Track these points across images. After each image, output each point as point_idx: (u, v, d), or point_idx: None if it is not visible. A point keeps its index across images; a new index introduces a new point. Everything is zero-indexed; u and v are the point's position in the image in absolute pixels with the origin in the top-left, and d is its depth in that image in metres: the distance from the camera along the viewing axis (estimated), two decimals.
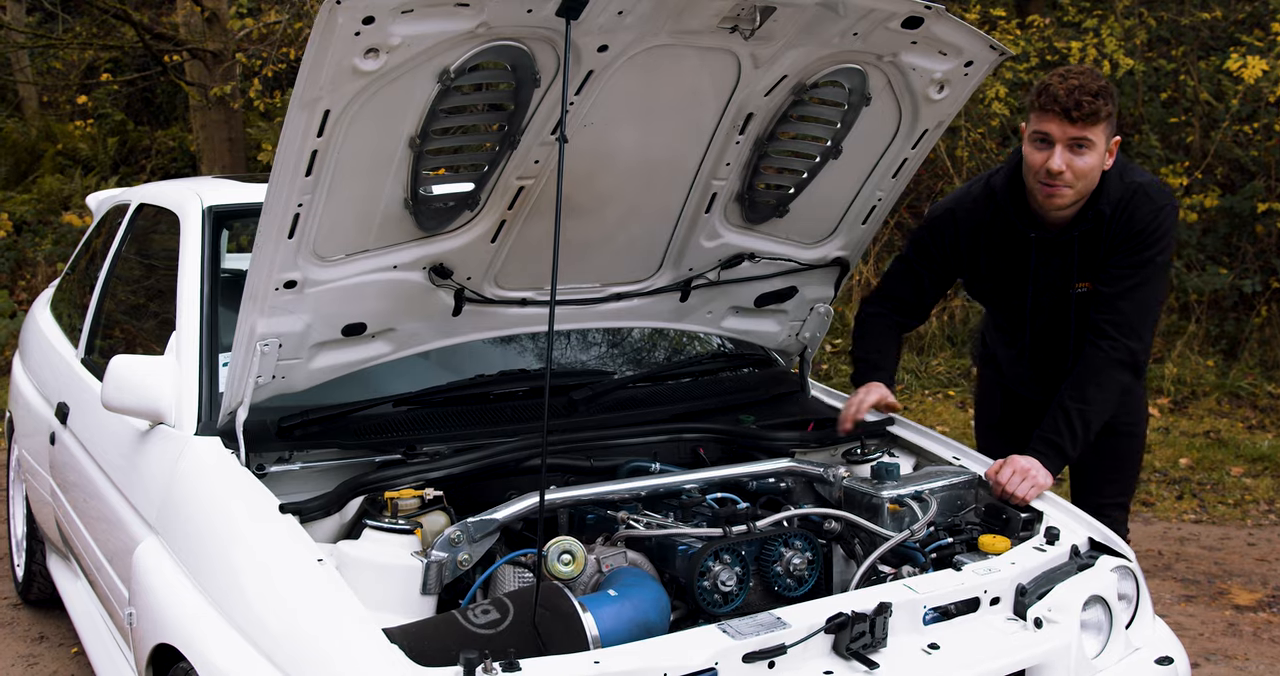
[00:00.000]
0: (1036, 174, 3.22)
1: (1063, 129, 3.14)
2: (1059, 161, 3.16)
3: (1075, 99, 3.10)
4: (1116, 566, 2.85)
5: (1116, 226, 3.29)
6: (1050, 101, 3.14)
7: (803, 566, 2.74)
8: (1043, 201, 3.26)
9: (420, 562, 2.56)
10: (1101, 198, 3.27)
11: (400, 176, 2.68)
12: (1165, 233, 3.29)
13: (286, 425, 2.94)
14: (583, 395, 3.25)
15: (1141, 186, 3.28)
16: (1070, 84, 3.12)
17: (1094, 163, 3.19)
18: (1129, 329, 3.27)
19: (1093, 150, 3.17)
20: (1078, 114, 3.10)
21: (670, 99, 2.84)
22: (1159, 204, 3.27)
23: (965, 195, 3.51)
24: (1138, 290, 3.29)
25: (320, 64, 2.33)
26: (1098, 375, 3.28)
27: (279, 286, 2.73)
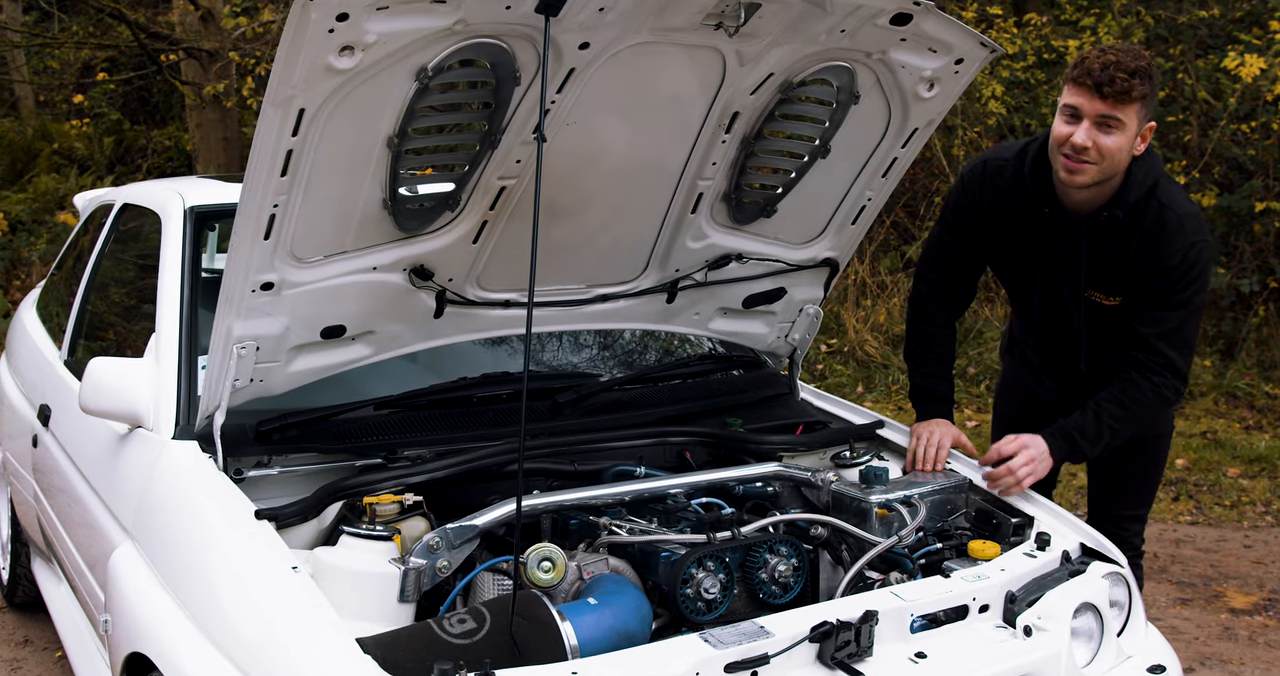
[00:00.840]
0: (1061, 147, 3.08)
1: (1092, 104, 3.00)
2: (1084, 136, 3.02)
3: (1109, 75, 2.96)
4: (1108, 572, 2.81)
5: (1140, 254, 3.18)
6: (1083, 74, 3.00)
7: (788, 573, 2.69)
8: (1064, 177, 3.11)
9: (398, 570, 2.51)
10: (1120, 199, 3.16)
11: (378, 176, 2.63)
12: (1201, 271, 3.18)
13: (265, 429, 2.89)
14: (567, 398, 3.20)
15: (1177, 217, 3.15)
16: (1107, 59, 2.98)
17: (1122, 143, 3.04)
18: (1176, 370, 3.19)
19: (1122, 131, 3.02)
20: (1109, 90, 2.96)
21: (654, 97, 2.80)
22: (1191, 239, 3.15)
23: (1001, 152, 3.39)
24: (1182, 331, 3.20)
25: (294, 62, 2.28)
26: (1144, 408, 3.21)
27: (256, 288, 2.68)
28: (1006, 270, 3.52)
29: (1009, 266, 3.49)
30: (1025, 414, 3.77)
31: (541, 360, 3.64)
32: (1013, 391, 3.85)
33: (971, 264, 3.51)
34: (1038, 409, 3.72)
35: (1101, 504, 3.70)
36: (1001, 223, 3.37)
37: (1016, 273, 3.47)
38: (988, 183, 3.35)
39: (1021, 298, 3.54)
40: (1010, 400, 3.87)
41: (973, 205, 3.39)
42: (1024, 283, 3.46)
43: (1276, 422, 7.79)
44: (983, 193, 3.36)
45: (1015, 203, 3.32)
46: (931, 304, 3.54)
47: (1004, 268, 3.52)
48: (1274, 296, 8.85)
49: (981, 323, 8.89)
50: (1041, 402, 3.72)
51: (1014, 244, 3.37)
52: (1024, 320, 3.61)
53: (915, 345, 3.58)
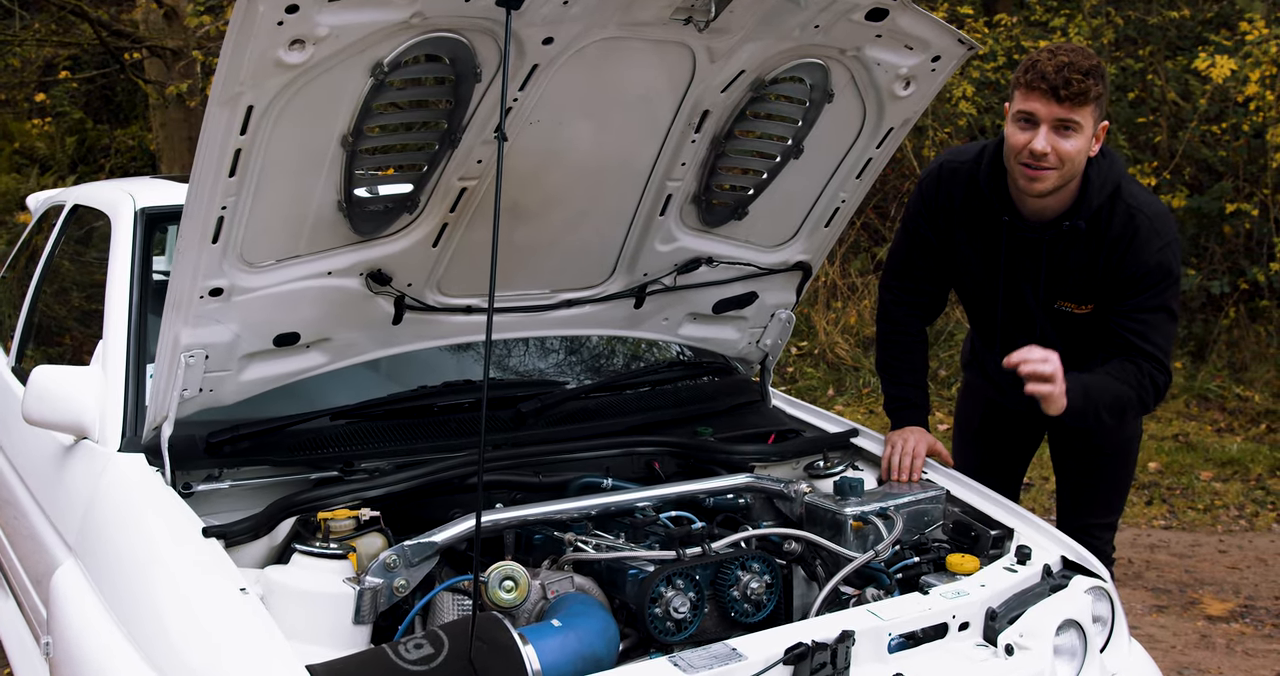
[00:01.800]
0: (1018, 155, 2.99)
1: (1049, 109, 2.92)
2: (1043, 142, 2.93)
3: (1064, 77, 2.87)
4: (1091, 587, 2.72)
5: (1113, 261, 3.09)
6: (1037, 78, 2.91)
7: (761, 590, 2.59)
8: (1024, 185, 3.03)
9: (352, 590, 2.39)
10: (1081, 208, 3.07)
11: (332, 177, 2.51)
12: (1174, 269, 3.09)
13: (215, 441, 2.76)
14: (531, 407, 3.09)
15: (1147, 219, 3.07)
16: (1060, 60, 2.89)
17: (1080, 146, 2.97)
18: (1162, 364, 3.10)
19: (1080, 133, 2.95)
20: (1066, 93, 2.88)
21: (621, 95, 2.69)
22: (1165, 240, 3.07)
23: (958, 155, 3.30)
24: (1161, 329, 3.10)
25: (241, 56, 2.16)
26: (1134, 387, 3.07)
27: (204, 294, 2.56)
28: (966, 281, 3.40)
29: (969, 277, 3.36)
30: (988, 424, 3.71)
31: (505, 367, 3.53)
32: (974, 402, 3.78)
33: (935, 271, 3.40)
34: (1002, 418, 3.66)
35: (1071, 512, 3.63)
36: (959, 230, 3.27)
37: (977, 284, 3.35)
38: (943, 187, 3.26)
39: (982, 311, 3.43)
40: (972, 411, 3.80)
41: (930, 211, 3.29)
42: (985, 295, 3.35)
43: (1248, 425, 7.76)
44: (938, 198, 3.26)
45: (972, 209, 3.22)
46: (898, 312, 3.45)
47: (964, 278, 3.39)
48: (1244, 298, 8.83)
49: (953, 324, 8.84)
50: (1005, 411, 3.64)
51: (973, 252, 3.27)
52: (984, 335, 3.50)
53: (886, 355, 3.49)
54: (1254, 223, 8.73)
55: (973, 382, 3.81)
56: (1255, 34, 8.34)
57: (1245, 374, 8.40)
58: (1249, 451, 7.16)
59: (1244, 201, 8.73)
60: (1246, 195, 8.86)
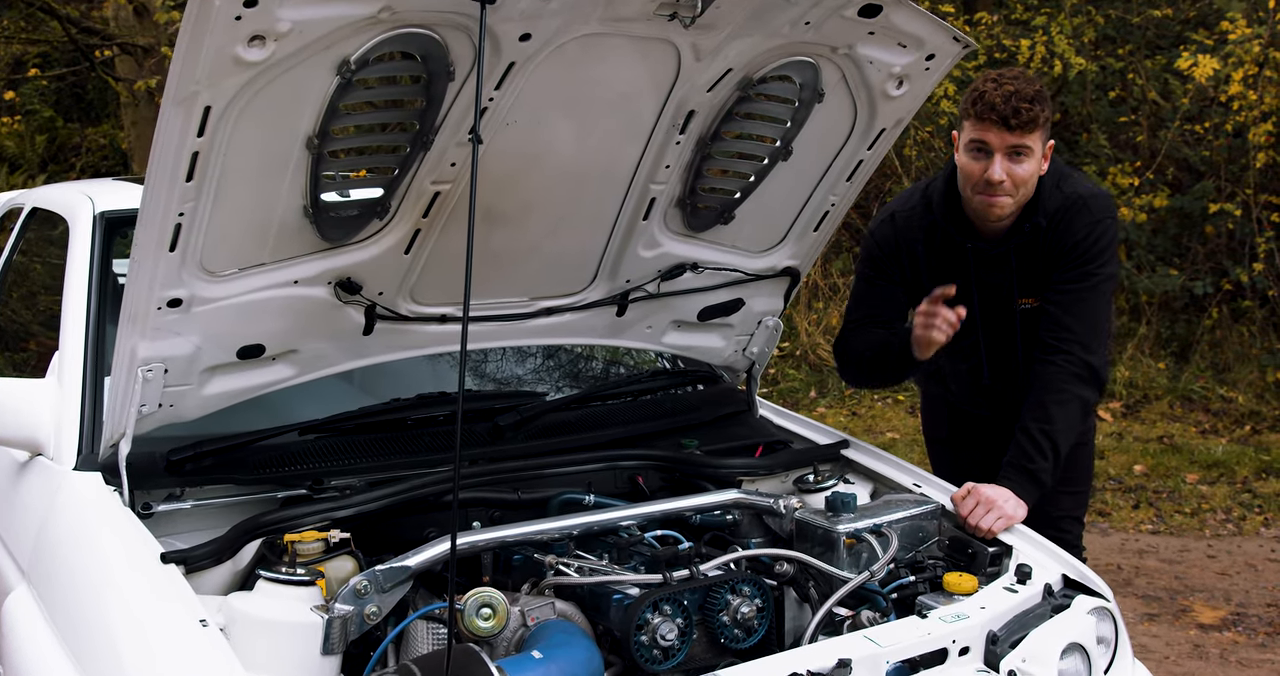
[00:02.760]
0: (975, 185, 3.08)
1: (1001, 137, 3.01)
2: (999, 171, 3.02)
3: (1013, 106, 2.96)
4: (1094, 608, 2.61)
5: (1053, 238, 3.15)
6: (986, 109, 2.99)
7: (752, 615, 2.46)
8: (983, 212, 3.12)
9: (321, 618, 2.26)
10: (1038, 209, 3.14)
11: (298, 181, 2.37)
12: (1106, 246, 3.15)
13: (176, 459, 2.63)
14: (509, 420, 2.96)
15: (1081, 198, 3.16)
16: (1006, 90, 2.97)
17: (1033, 169, 3.07)
18: (1081, 344, 3.11)
19: (1031, 157, 3.04)
20: (1016, 122, 2.98)
21: (603, 95, 2.56)
22: (1096, 216, 3.15)
23: (904, 204, 3.36)
24: (1083, 304, 3.13)
25: (196, 53, 2.02)
26: (1057, 391, 3.09)
27: (162, 305, 2.42)
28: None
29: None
30: (957, 431, 3.65)
31: (483, 378, 3.40)
32: (938, 411, 3.74)
33: (897, 309, 3.38)
34: (969, 423, 3.62)
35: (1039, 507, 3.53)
36: (924, 271, 3.30)
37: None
38: (901, 234, 3.30)
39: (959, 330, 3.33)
40: (937, 422, 3.75)
41: (890, 259, 3.32)
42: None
43: (1232, 426, 7.70)
44: (898, 243, 3.30)
45: (934, 244, 3.27)
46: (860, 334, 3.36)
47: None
48: (1227, 298, 8.77)
49: None
50: (972, 418, 3.61)
51: (942, 281, 3.22)
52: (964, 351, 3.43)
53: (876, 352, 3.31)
54: (1236, 222, 8.67)
55: (931, 391, 3.78)
56: (1238, 33, 8.28)
57: (1229, 375, 8.33)
58: (1235, 453, 7.09)
59: (1226, 201, 8.67)
60: (1229, 195, 8.80)
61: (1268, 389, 8.04)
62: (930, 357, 3.68)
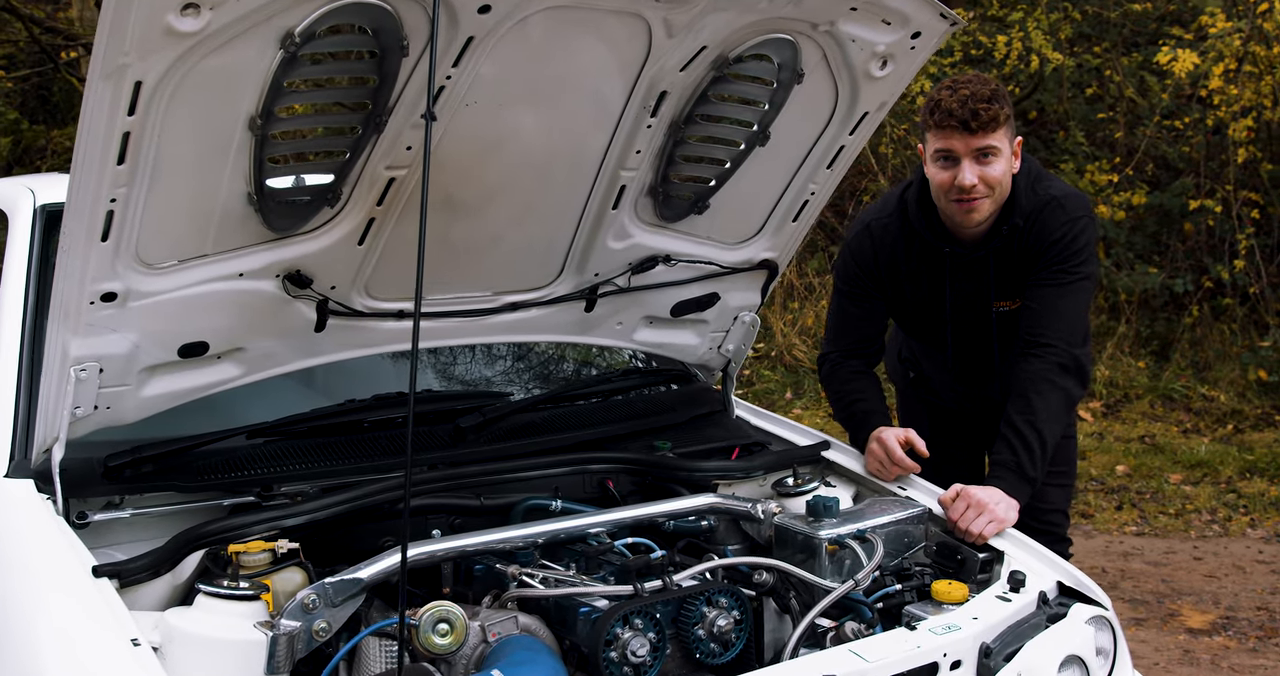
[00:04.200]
0: (948, 193, 3.04)
1: (965, 142, 2.97)
2: (969, 176, 2.98)
3: (971, 109, 2.93)
4: (1092, 617, 2.47)
5: (1030, 239, 3.10)
6: (945, 117, 2.96)
7: (729, 628, 2.31)
8: (961, 219, 3.07)
9: (264, 635, 2.09)
10: (1015, 211, 3.10)
11: (240, 165, 2.21)
12: (1084, 245, 3.10)
13: (113, 464, 2.46)
14: (471, 421, 2.79)
15: (1055, 199, 3.12)
16: (961, 94, 2.95)
17: (1004, 168, 3.03)
18: (1064, 339, 3.05)
19: (999, 156, 3.00)
20: (976, 124, 2.93)
21: (569, 73, 2.40)
22: (1071, 215, 3.10)
23: (880, 212, 3.30)
24: (1063, 302, 3.08)
25: (124, 22, 1.85)
26: (1039, 384, 3.02)
27: (95, 299, 2.25)
28: (912, 314, 3.38)
29: (915, 311, 3.35)
30: (937, 427, 3.55)
31: (447, 378, 3.22)
32: (915, 408, 3.71)
33: (879, 323, 3.38)
34: (947, 419, 3.60)
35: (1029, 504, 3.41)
36: (904, 278, 3.26)
37: (924, 312, 3.33)
38: (878, 243, 3.25)
39: (930, 331, 3.40)
40: (916, 417, 3.66)
41: (866, 270, 3.27)
42: (932, 317, 3.32)
43: (1214, 425, 7.60)
44: (876, 254, 3.25)
45: (912, 252, 3.22)
46: (846, 371, 3.31)
47: (909, 313, 3.39)
48: (1207, 296, 8.69)
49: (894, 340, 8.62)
50: (948, 413, 3.61)
51: (919, 289, 3.27)
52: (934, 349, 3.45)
53: (844, 404, 3.28)
54: (1217, 219, 8.59)
55: (905, 390, 3.76)
56: (1218, 27, 8.20)
57: (1210, 373, 8.24)
58: (1218, 453, 6.99)
59: (1206, 198, 8.58)
60: (1208, 192, 8.71)
61: (1249, 387, 7.96)
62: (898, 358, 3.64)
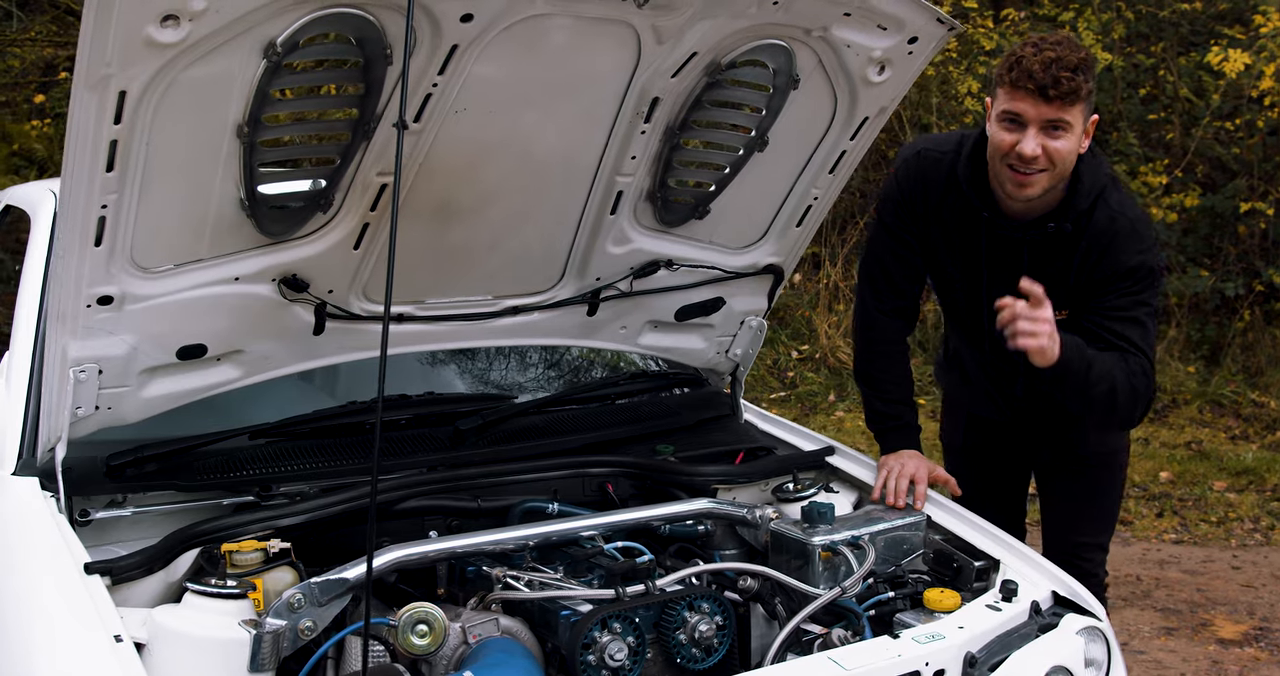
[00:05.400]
0: (1005, 157, 2.76)
1: (1038, 109, 2.68)
2: (1032, 145, 2.70)
3: (1053, 75, 2.63)
4: (1083, 627, 2.44)
5: (1091, 260, 2.86)
6: (1023, 77, 2.66)
7: (711, 633, 2.31)
8: (1011, 190, 2.81)
9: (248, 633, 2.13)
10: (1068, 207, 2.84)
11: (230, 172, 2.25)
12: (1158, 274, 2.89)
13: (115, 463, 2.51)
14: (470, 424, 2.82)
15: (1130, 224, 2.86)
16: (1046, 56, 2.64)
17: (1071, 146, 2.75)
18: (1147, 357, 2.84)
19: (1070, 132, 2.72)
20: (1055, 93, 2.64)
21: (559, 80, 2.42)
22: (1147, 244, 2.86)
23: (938, 143, 3.06)
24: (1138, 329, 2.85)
25: (105, 34, 1.90)
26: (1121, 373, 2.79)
27: (91, 303, 2.30)
28: (945, 280, 3.15)
29: (948, 276, 3.12)
30: (972, 440, 3.46)
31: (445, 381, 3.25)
32: (955, 417, 3.53)
33: (914, 270, 3.13)
34: (985, 432, 3.43)
35: (1058, 532, 3.34)
36: (936, 224, 3.02)
37: (957, 284, 3.11)
38: (921, 176, 3.00)
39: (964, 308, 3.17)
40: (954, 427, 3.53)
41: (907, 201, 3.03)
42: (967, 293, 3.10)
43: (1263, 432, 7.45)
44: (916, 186, 3.00)
45: (950, 202, 2.97)
46: (880, 316, 3.15)
47: (943, 277, 3.14)
48: (1259, 300, 8.52)
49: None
50: (988, 424, 3.41)
51: (952, 248, 3.02)
52: (966, 334, 3.25)
53: (869, 367, 3.20)
54: (1269, 222, 8.42)
55: (950, 395, 3.59)
56: (1270, 27, 8.03)
57: (1260, 379, 8.08)
58: (1265, 460, 6.85)
59: (1258, 200, 8.42)
60: (1261, 194, 8.54)
61: None
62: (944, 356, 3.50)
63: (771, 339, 9.10)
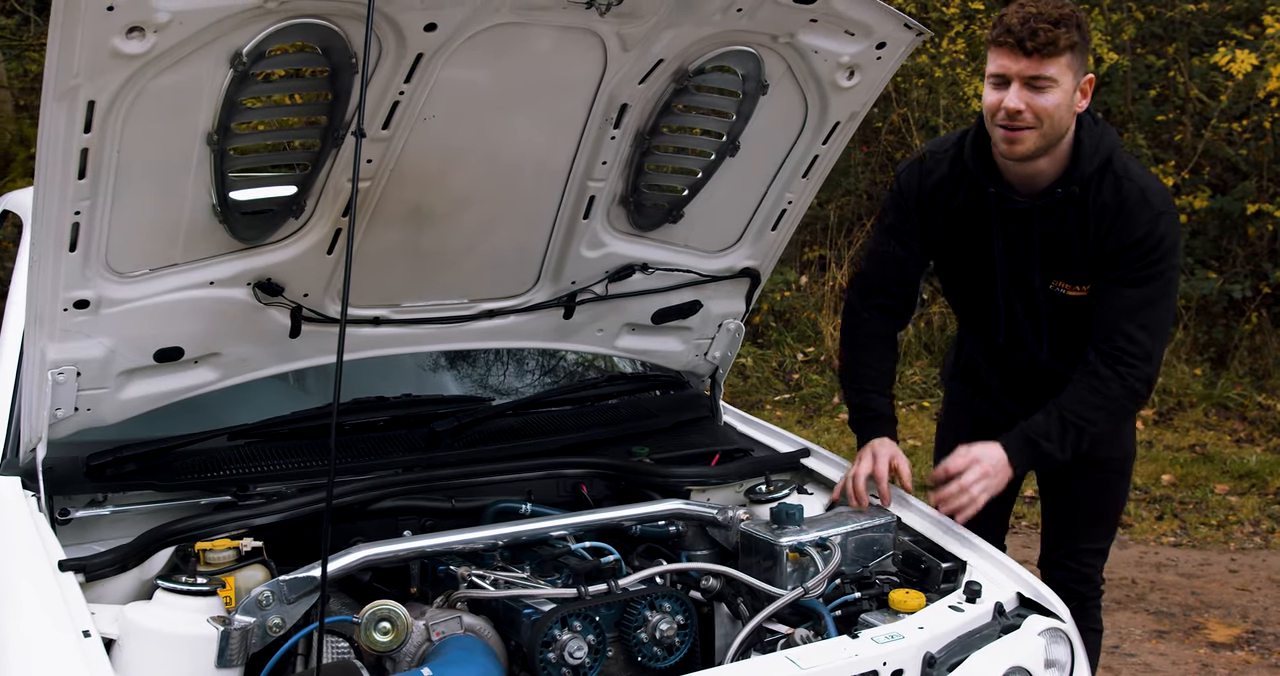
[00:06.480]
0: (994, 117, 2.77)
1: (1018, 64, 2.69)
2: (1015, 99, 2.71)
3: (1030, 28, 2.65)
4: (1045, 628, 2.46)
5: (1103, 229, 2.86)
6: (1003, 33, 2.69)
7: (672, 632, 2.35)
8: (1004, 149, 2.80)
9: (215, 630, 2.17)
10: (1073, 171, 2.84)
11: (202, 178, 2.29)
12: (1171, 244, 2.85)
13: (95, 463, 2.56)
14: (446, 425, 2.86)
15: (1140, 191, 2.85)
16: (1027, 12, 2.66)
17: (1059, 101, 2.73)
18: (1145, 354, 2.85)
19: (1055, 88, 2.72)
20: (1033, 45, 2.65)
21: (527, 88, 2.46)
22: (1159, 210, 2.84)
23: (939, 145, 3.10)
24: (1149, 310, 2.85)
25: (71, 46, 1.95)
26: (1111, 401, 2.87)
27: (68, 306, 2.35)
28: (955, 278, 3.16)
29: (958, 272, 3.13)
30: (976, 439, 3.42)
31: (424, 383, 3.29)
32: (961, 417, 3.49)
33: (904, 271, 3.13)
34: (991, 433, 3.36)
35: (1058, 536, 3.35)
36: (945, 221, 3.03)
37: (970, 274, 3.10)
38: (926, 177, 3.03)
39: (978, 303, 3.16)
40: (959, 428, 3.47)
41: (914, 202, 3.05)
42: (981, 284, 3.09)
43: (1269, 435, 7.43)
44: (921, 187, 3.03)
45: (960, 191, 2.99)
46: (861, 314, 3.17)
47: (952, 276, 3.16)
48: (1266, 302, 8.49)
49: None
50: (995, 426, 3.31)
51: (961, 239, 3.03)
52: (980, 333, 3.25)
53: (853, 361, 3.20)
54: (1277, 224, 8.39)
55: (958, 396, 3.54)
56: (1276, 28, 8.01)
57: (1267, 381, 8.06)
58: (1268, 463, 6.83)
59: (1267, 202, 8.39)
60: (1270, 196, 8.51)
61: None
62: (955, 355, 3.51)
63: (777, 341, 9.13)
